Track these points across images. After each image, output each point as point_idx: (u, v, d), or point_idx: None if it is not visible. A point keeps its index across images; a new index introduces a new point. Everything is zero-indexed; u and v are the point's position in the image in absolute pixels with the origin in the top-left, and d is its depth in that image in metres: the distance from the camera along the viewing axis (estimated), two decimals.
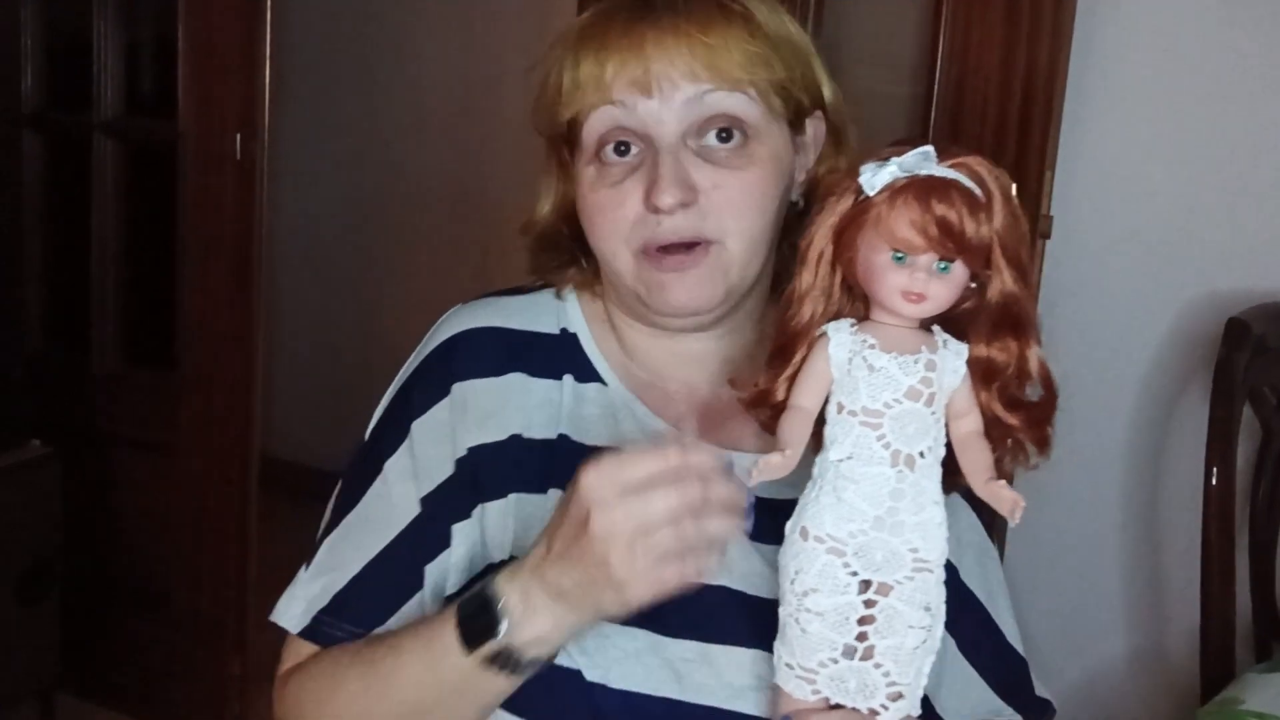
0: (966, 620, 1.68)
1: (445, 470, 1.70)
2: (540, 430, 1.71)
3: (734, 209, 1.62)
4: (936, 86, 3.05)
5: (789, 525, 1.41)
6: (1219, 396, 2.73)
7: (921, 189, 1.34)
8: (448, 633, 1.51)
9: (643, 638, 1.59)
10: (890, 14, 3.43)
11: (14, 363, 4.01)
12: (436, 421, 1.72)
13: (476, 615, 1.49)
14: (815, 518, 1.38)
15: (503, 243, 5.08)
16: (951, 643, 1.66)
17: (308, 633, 1.73)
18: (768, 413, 1.45)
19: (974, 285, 1.40)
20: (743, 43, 1.61)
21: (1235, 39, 2.97)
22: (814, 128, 1.73)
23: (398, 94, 5.67)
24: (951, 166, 1.37)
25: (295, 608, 1.74)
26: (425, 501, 1.70)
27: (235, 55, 3.75)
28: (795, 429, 1.40)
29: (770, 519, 1.47)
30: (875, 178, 1.37)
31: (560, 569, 1.43)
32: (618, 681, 1.58)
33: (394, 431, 1.74)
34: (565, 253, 1.78)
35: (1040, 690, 1.81)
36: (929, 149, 1.37)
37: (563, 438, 1.71)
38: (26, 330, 4.24)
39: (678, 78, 1.59)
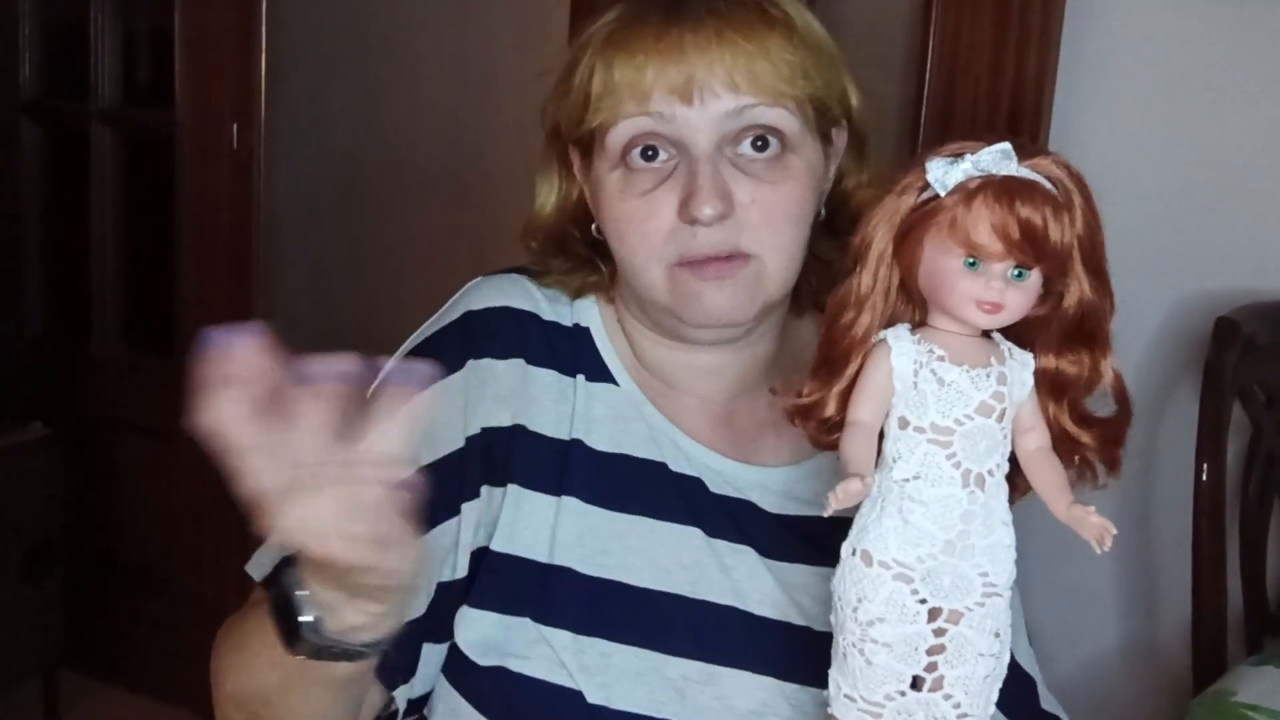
0: None
1: (455, 442, 1.60)
2: (551, 427, 1.65)
3: (771, 224, 1.54)
4: (927, 87, 3.04)
5: (845, 548, 1.29)
6: (1209, 394, 2.72)
7: (1002, 189, 1.23)
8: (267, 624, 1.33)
9: (646, 658, 1.53)
10: (880, 14, 3.42)
11: (15, 347, 4.03)
12: (450, 390, 1.63)
13: (282, 613, 1.31)
14: (878, 541, 1.26)
15: (500, 229, 5.08)
16: None
17: (267, 581, 1.55)
18: (816, 425, 1.32)
19: (1043, 293, 1.29)
20: (784, 52, 1.53)
21: (1224, 40, 2.95)
22: (839, 138, 1.66)
23: (394, 84, 5.65)
24: (1030, 166, 1.26)
25: (265, 558, 1.58)
26: (427, 470, 1.51)
27: (231, 46, 3.77)
28: (863, 448, 1.27)
29: (782, 535, 1.46)
30: (948, 175, 1.25)
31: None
32: (620, 702, 1.52)
33: None
34: (573, 258, 1.71)
35: (1048, 704, 1.75)
36: (1008, 146, 1.25)
37: (576, 442, 1.64)
38: (27, 316, 4.27)
39: (718, 87, 1.51)
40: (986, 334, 1.30)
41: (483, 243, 5.15)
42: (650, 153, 1.55)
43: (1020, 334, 1.30)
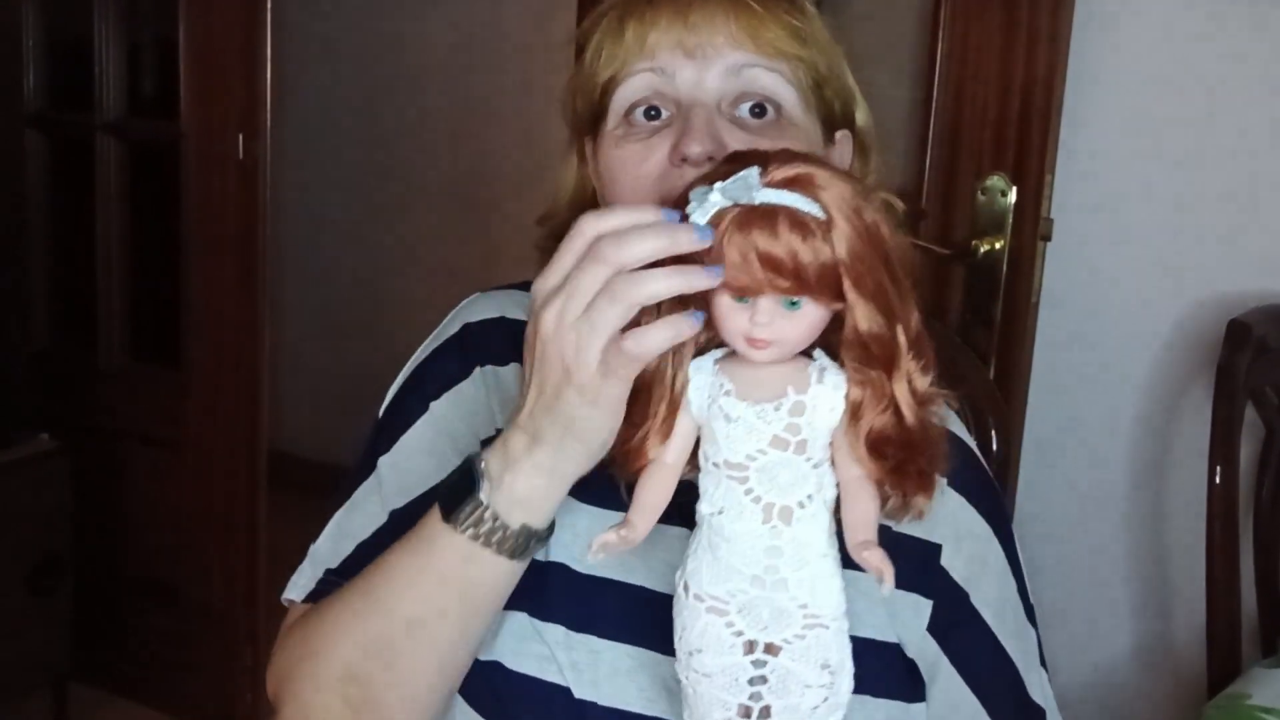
0: (969, 640, 1.61)
1: (472, 448, 1.54)
2: None
3: None
4: (936, 90, 3.04)
5: (676, 576, 1.31)
6: (1221, 397, 2.73)
7: (744, 222, 1.20)
8: (433, 517, 1.41)
9: (637, 655, 1.52)
10: (890, 18, 3.42)
11: (21, 360, 4.02)
12: (462, 398, 1.68)
13: (457, 484, 1.40)
14: (695, 574, 1.27)
15: (505, 236, 5.12)
16: (950, 665, 1.59)
17: (313, 595, 1.64)
18: (633, 475, 1.33)
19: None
20: (787, 16, 1.57)
21: (1233, 41, 2.96)
22: (842, 145, 1.66)
23: (399, 92, 5.67)
24: (782, 185, 1.22)
25: (303, 579, 1.67)
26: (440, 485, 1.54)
27: (236, 56, 3.76)
28: (648, 492, 1.30)
29: None
30: (701, 208, 1.23)
31: (529, 406, 1.33)
32: (608, 699, 1.52)
33: (412, 409, 1.70)
34: None
35: None
36: (751, 171, 1.22)
37: None
38: (33, 328, 4.26)
39: (721, 43, 1.55)
40: (809, 352, 1.27)
41: (488, 250, 5.17)
42: (653, 112, 1.57)
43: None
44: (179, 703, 4.24)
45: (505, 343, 1.67)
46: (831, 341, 1.28)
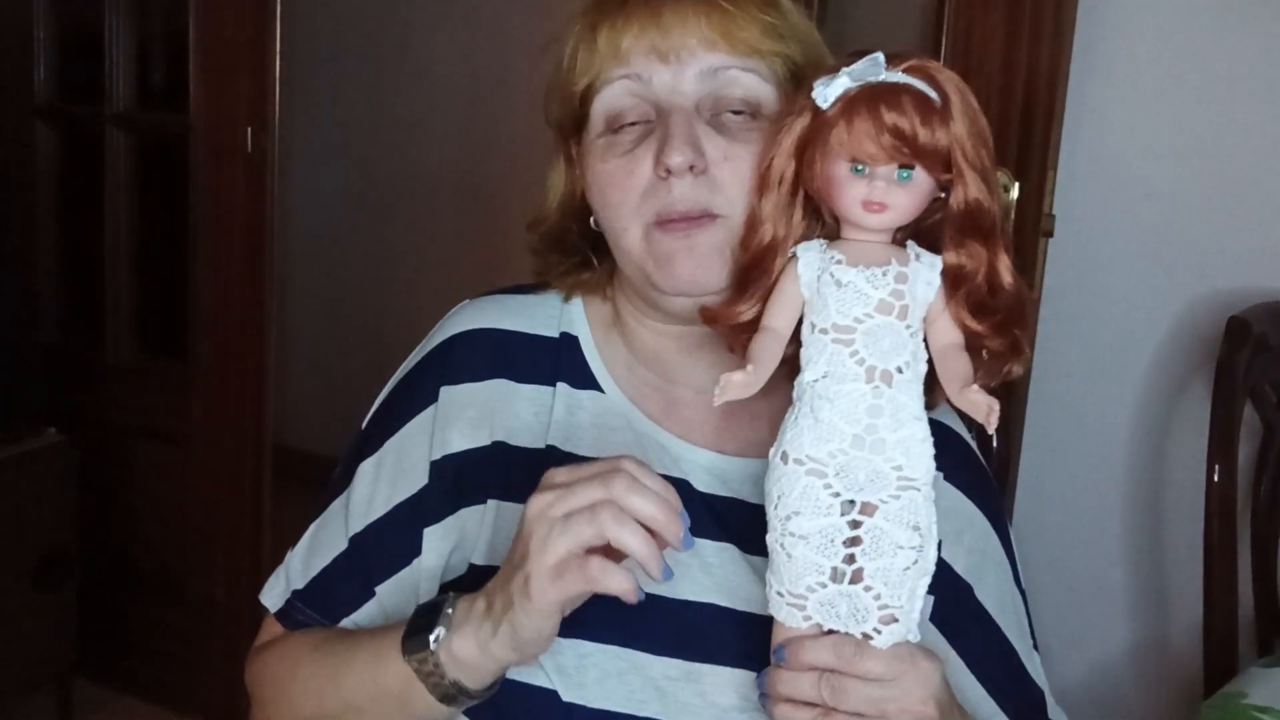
0: (978, 637, 1.65)
1: (420, 479, 1.70)
2: (527, 439, 1.68)
3: (742, 183, 1.53)
4: None
5: (771, 451, 1.38)
6: (1220, 394, 2.73)
7: (871, 97, 1.32)
8: (396, 634, 1.51)
9: (625, 656, 1.55)
10: (893, 13, 3.43)
11: (29, 353, 4.04)
12: (419, 428, 1.71)
13: (422, 618, 1.50)
14: (794, 440, 1.35)
15: (512, 231, 5.09)
16: (959, 660, 1.62)
17: (281, 614, 1.77)
18: (730, 330, 1.45)
19: (943, 195, 1.38)
20: (760, 14, 1.58)
21: (1236, 38, 2.97)
22: None
23: (407, 86, 5.69)
24: (904, 71, 1.34)
25: (277, 586, 1.78)
26: (398, 509, 1.70)
27: (245, 49, 3.78)
28: (762, 347, 1.38)
29: (761, 524, 1.43)
30: (827, 89, 1.35)
31: (500, 573, 1.43)
32: (597, 701, 1.54)
33: (379, 432, 1.74)
34: (575, 254, 1.74)
35: (1056, 715, 1.75)
36: (878, 55, 1.34)
37: (551, 448, 1.67)
38: (41, 321, 4.28)
39: (695, 45, 1.56)
40: (901, 242, 1.39)
41: (496, 243, 5.17)
42: (634, 122, 1.59)
43: (933, 239, 1.39)
44: (184, 698, 4.25)
45: (486, 355, 1.73)
46: (919, 231, 1.39)
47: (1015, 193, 2.91)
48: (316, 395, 5.83)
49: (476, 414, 1.69)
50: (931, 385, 1.38)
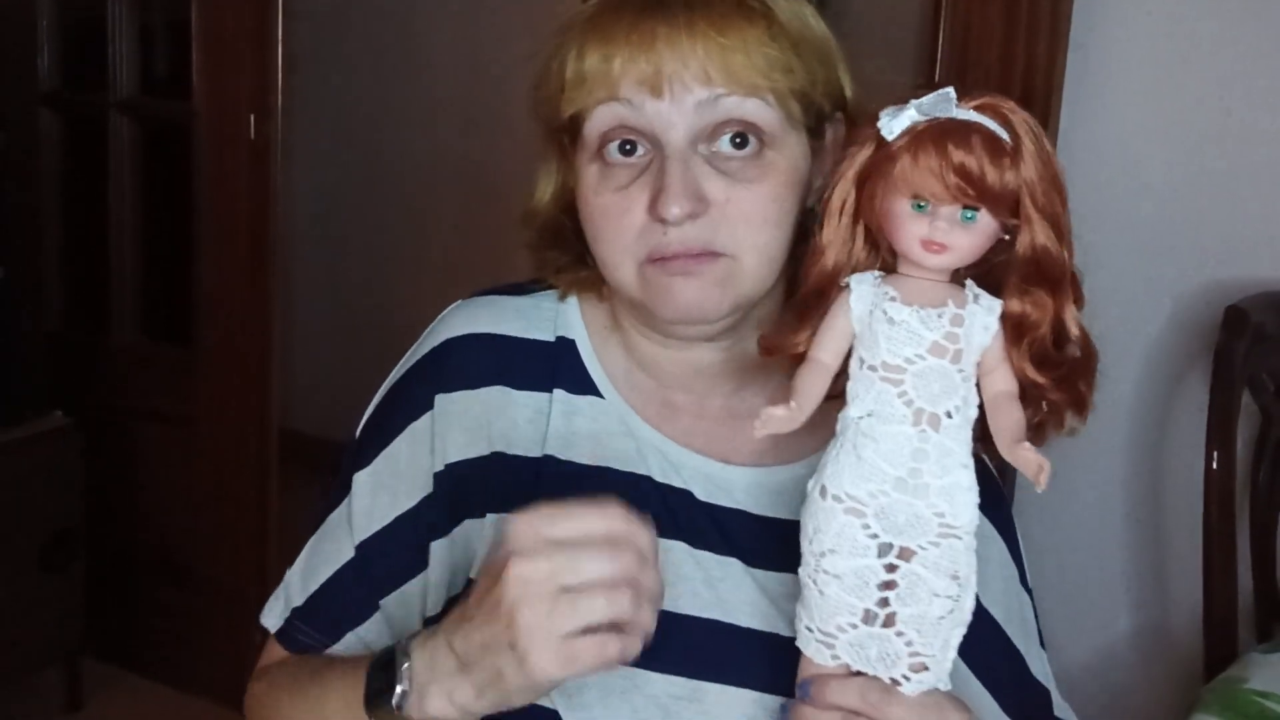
0: (980, 640, 1.51)
1: (422, 488, 1.63)
2: (524, 448, 1.62)
3: (747, 224, 1.49)
4: (937, 76, 3.04)
5: (810, 483, 1.32)
6: (1218, 383, 2.74)
7: (939, 133, 1.27)
8: (360, 682, 1.44)
9: (629, 675, 1.49)
10: (891, 6, 3.43)
11: (35, 337, 4.05)
12: (415, 437, 1.64)
13: (381, 672, 1.42)
14: (834, 476, 1.30)
15: (514, 218, 5.10)
16: (962, 664, 1.50)
17: (281, 634, 1.70)
18: (787, 364, 1.37)
19: (1007, 237, 1.31)
20: (762, 45, 1.48)
21: (1233, 29, 2.96)
22: (834, 131, 1.60)
23: (410, 74, 5.68)
24: (975, 108, 1.29)
25: (276, 606, 1.72)
26: (401, 519, 1.64)
27: (248, 38, 3.78)
28: (808, 381, 1.32)
29: (771, 542, 1.44)
30: (894, 122, 1.29)
31: (468, 630, 1.33)
32: None
33: (375, 441, 1.67)
34: (570, 250, 1.66)
35: (1062, 713, 1.71)
36: (949, 90, 1.30)
37: (548, 458, 1.61)
38: (46, 306, 4.29)
39: (689, 79, 1.46)
40: (960, 281, 1.32)
41: (498, 229, 5.15)
42: (628, 146, 1.51)
43: (995, 282, 1.32)
44: (189, 678, 4.28)
45: (480, 362, 1.66)
46: (984, 271, 1.33)
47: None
48: (320, 379, 5.84)
49: (473, 423, 1.63)
50: (982, 432, 1.32)
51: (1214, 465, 2.71)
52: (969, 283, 1.32)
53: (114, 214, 4.24)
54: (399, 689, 1.37)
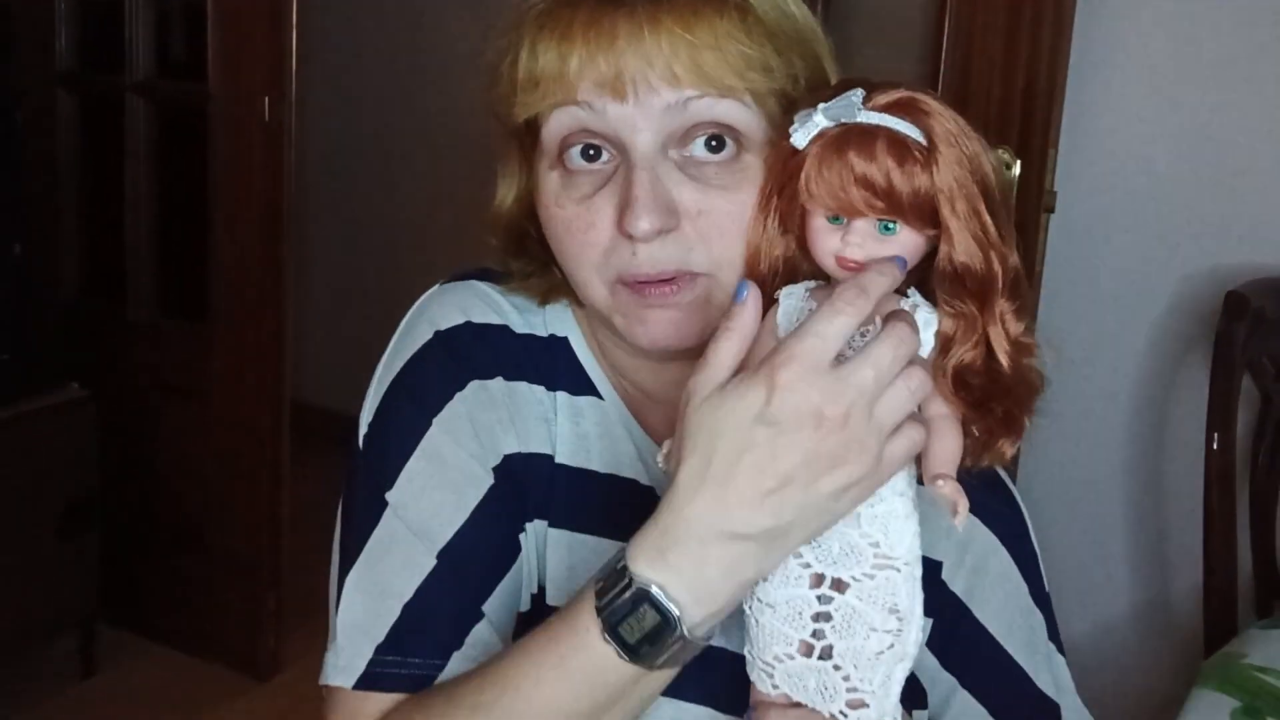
0: (978, 660, 1.50)
1: (482, 479, 1.45)
2: (537, 447, 1.51)
3: (723, 237, 1.33)
4: (943, 66, 3.05)
5: None
6: (1219, 367, 2.78)
7: (842, 142, 1.16)
8: (594, 648, 1.21)
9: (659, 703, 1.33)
10: (896, 1, 3.44)
11: (53, 311, 4.07)
12: (452, 426, 1.46)
13: (627, 617, 1.19)
14: None
15: None
16: (961, 688, 1.50)
17: (367, 680, 1.39)
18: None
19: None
20: (736, 41, 1.30)
21: (1233, 22, 3.00)
22: None
23: (422, 56, 5.67)
24: (886, 109, 1.17)
25: (343, 659, 1.41)
26: (476, 514, 1.44)
27: (263, 21, 3.78)
28: None
29: None
30: (802, 129, 1.19)
31: (761, 500, 1.14)
32: None
33: (405, 432, 1.47)
34: (536, 258, 1.52)
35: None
36: (856, 92, 1.17)
37: (560, 465, 1.51)
38: (64, 281, 4.31)
39: (655, 81, 1.30)
40: (903, 291, 1.21)
41: None
42: (591, 152, 1.36)
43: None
44: (204, 646, 4.31)
45: (480, 352, 1.50)
46: (926, 279, 1.22)
47: (1018, 169, 2.92)
48: (332, 354, 5.86)
49: (501, 415, 1.48)
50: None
51: (1214, 446, 2.76)
52: (912, 292, 1.21)
53: (130, 192, 4.25)
54: (676, 616, 1.18)
